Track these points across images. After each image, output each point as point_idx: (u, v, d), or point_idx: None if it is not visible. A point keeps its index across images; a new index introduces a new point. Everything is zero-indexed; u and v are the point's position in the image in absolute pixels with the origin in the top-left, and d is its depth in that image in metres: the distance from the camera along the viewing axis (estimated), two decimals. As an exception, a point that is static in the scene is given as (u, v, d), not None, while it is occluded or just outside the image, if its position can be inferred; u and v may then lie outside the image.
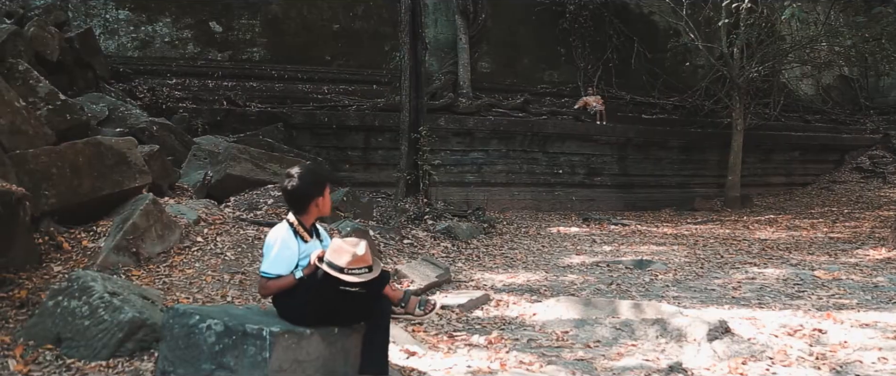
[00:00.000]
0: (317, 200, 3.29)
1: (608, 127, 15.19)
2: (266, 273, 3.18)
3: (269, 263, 3.17)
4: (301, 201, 3.28)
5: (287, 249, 3.17)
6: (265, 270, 3.19)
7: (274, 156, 7.52)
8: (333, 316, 3.18)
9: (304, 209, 3.29)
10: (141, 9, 13.36)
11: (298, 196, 3.28)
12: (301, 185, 3.26)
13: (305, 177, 3.29)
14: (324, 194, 3.32)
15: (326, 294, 3.09)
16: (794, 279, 6.23)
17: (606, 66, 16.31)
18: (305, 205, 3.28)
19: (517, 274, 6.71)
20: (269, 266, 3.17)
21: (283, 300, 3.22)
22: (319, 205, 3.31)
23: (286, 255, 3.17)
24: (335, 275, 3.04)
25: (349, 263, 3.04)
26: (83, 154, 5.38)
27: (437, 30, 15.45)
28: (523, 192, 14.53)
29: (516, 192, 14.49)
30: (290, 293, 3.18)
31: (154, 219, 5.19)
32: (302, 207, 3.29)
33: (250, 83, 13.64)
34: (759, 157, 16.56)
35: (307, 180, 3.28)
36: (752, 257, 7.78)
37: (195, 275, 4.85)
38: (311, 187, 3.28)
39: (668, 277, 6.55)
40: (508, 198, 14.35)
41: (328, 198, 3.36)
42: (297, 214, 3.29)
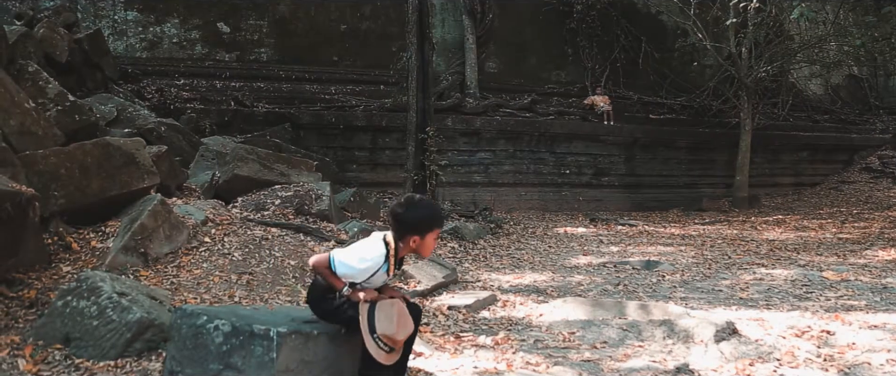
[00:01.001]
0: (415, 238, 3.03)
1: (615, 127, 15.17)
2: (334, 263, 3.01)
3: (345, 261, 3.01)
4: (402, 228, 3.04)
5: (365, 267, 3.00)
6: (336, 258, 3.01)
7: (281, 157, 7.54)
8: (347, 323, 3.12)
9: (401, 237, 3.05)
10: (149, 10, 13.43)
11: (409, 225, 3.03)
12: (410, 215, 3.03)
13: (423, 212, 3.08)
14: (425, 237, 3.04)
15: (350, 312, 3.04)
16: (802, 280, 6.20)
17: (614, 65, 16.30)
18: (403, 234, 3.04)
19: (524, 274, 6.70)
20: (342, 263, 3.01)
21: (319, 292, 3.13)
22: (416, 244, 3.06)
23: (360, 270, 3.01)
24: (363, 330, 2.93)
25: (383, 334, 2.93)
26: (92, 155, 5.40)
27: (445, 30, 15.47)
28: (530, 193, 14.53)
29: (523, 193, 14.49)
30: (326, 290, 3.09)
31: (162, 220, 5.21)
32: (400, 235, 3.05)
33: (258, 84, 13.70)
34: (768, 157, 16.49)
35: (422, 216, 3.05)
36: (760, 258, 7.74)
37: (203, 275, 4.87)
38: (424, 223, 3.04)
39: (676, 278, 6.54)
40: (515, 198, 14.35)
41: (430, 243, 3.09)
42: (397, 240, 3.05)
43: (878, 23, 14.18)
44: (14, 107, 5.45)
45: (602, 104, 15.31)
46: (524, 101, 14.99)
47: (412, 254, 3.41)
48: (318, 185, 7.00)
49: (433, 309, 4.98)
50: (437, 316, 4.80)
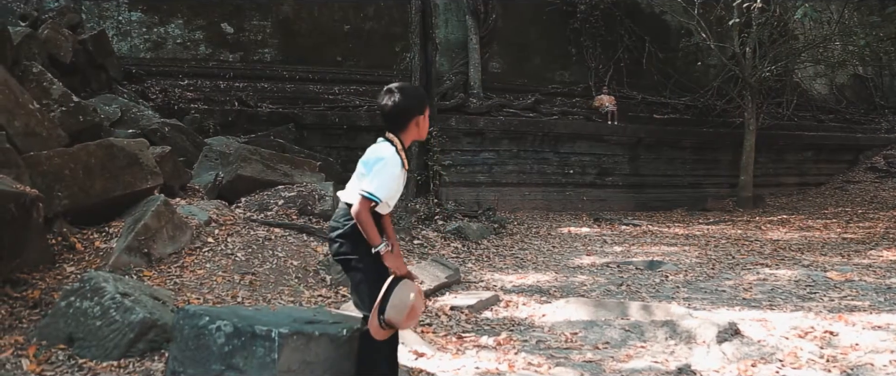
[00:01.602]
0: (418, 119, 3.04)
1: (619, 127, 15.15)
2: (373, 195, 2.86)
3: (378, 185, 2.88)
4: (401, 117, 3.02)
5: (395, 175, 2.94)
6: (372, 192, 2.86)
7: (285, 158, 7.55)
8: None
9: (404, 127, 3.04)
10: (153, 10, 13.46)
11: (400, 110, 3.01)
12: (404, 101, 3.01)
13: (409, 92, 3.09)
14: (424, 113, 3.08)
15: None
16: (805, 280, 6.18)
17: (618, 65, 16.26)
18: (406, 123, 3.03)
19: (527, 274, 6.70)
20: (378, 188, 2.87)
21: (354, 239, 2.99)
22: (419, 124, 3.06)
23: (394, 181, 2.95)
24: (375, 306, 2.90)
25: (389, 320, 2.90)
26: (95, 155, 5.43)
27: (448, 30, 15.46)
28: (534, 192, 14.52)
29: (527, 193, 14.49)
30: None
31: (165, 220, 5.23)
32: (402, 125, 3.04)
33: (262, 84, 13.71)
34: (772, 157, 16.45)
35: (411, 95, 3.07)
36: (764, 258, 7.73)
37: (206, 275, 4.88)
38: (415, 102, 3.05)
39: (679, 278, 6.52)
40: (519, 198, 14.35)
41: (427, 120, 3.13)
42: (397, 132, 3.04)
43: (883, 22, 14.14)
44: (18, 108, 5.48)
45: (608, 104, 15.30)
46: (528, 101, 14.97)
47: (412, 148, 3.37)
48: (321, 186, 7.01)
49: (436, 310, 4.98)
50: (439, 317, 4.80)
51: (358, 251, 3.03)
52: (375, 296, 2.95)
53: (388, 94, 3.07)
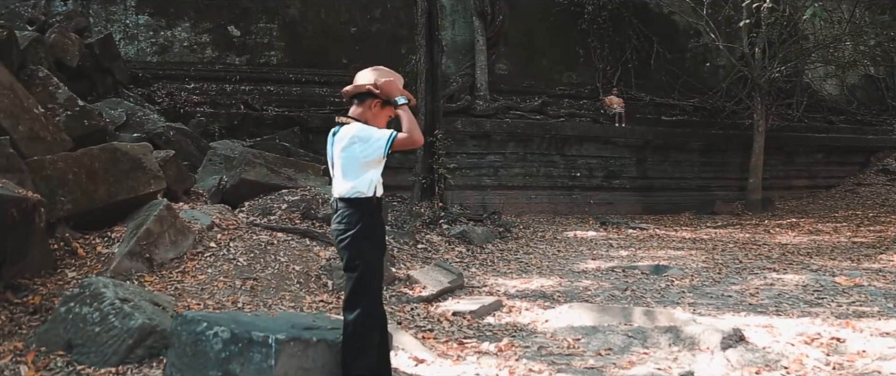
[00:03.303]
0: (375, 106, 3.17)
1: (627, 129, 15.08)
2: (390, 139, 3.03)
3: (380, 134, 3.05)
4: (361, 96, 3.19)
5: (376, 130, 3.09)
6: (389, 137, 3.03)
7: (289, 161, 7.54)
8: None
9: (361, 104, 3.19)
10: (160, 14, 13.51)
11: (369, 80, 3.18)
12: (378, 74, 3.19)
13: (388, 71, 3.24)
14: (386, 107, 3.21)
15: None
16: (813, 285, 6.11)
17: (625, 66, 16.20)
18: (362, 99, 3.18)
19: (531, 279, 6.66)
20: (383, 133, 3.05)
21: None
22: (374, 110, 3.18)
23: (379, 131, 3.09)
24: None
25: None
26: (99, 160, 5.43)
27: (455, 32, 15.44)
28: (540, 195, 14.46)
29: (533, 195, 14.43)
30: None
31: (167, 225, 5.23)
32: (360, 101, 3.20)
33: (268, 87, 13.73)
34: (782, 159, 16.33)
35: (389, 75, 3.22)
36: (772, 262, 7.65)
37: (207, 280, 4.87)
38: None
39: (685, 283, 6.46)
40: (525, 201, 14.29)
41: (386, 116, 3.24)
42: (353, 113, 3.19)
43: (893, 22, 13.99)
44: (23, 112, 5.49)
45: (616, 106, 15.24)
46: (535, 104, 14.93)
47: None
48: (324, 189, 6.99)
49: (438, 315, 4.95)
50: (441, 322, 4.77)
51: (364, 253, 3.06)
52: (373, 287, 3.08)
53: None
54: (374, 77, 3.21)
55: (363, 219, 3.07)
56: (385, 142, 3.03)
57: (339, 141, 3.15)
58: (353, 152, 3.06)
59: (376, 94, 3.17)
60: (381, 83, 3.15)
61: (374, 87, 3.15)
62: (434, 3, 10.18)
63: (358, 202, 3.08)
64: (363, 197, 3.08)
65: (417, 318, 4.84)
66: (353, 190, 3.07)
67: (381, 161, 3.13)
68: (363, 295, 3.04)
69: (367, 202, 3.10)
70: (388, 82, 3.16)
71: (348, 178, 3.08)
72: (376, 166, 3.12)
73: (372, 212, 3.12)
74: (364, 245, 3.06)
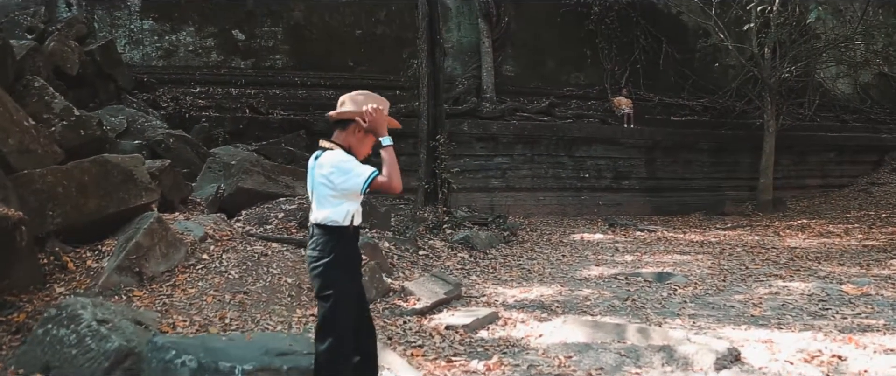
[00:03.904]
0: (359, 132, 3.11)
1: (635, 130, 14.92)
2: (370, 176, 2.93)
3: (361, 170, 2.95)
4: (345, 122, 3.13)
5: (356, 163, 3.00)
6: (369, 175, 2.93)
7: (286, 169, 7.48)
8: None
9: (343, 130, 3.14)
10: (165, 18, 13.51)
11: (342, 107, 3.14)
12: (362, 98, 3.14)
13: (371, 96, 3.17)
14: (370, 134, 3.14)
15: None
16: (819, 294, 5.96)
17: (634, 67, 16.04)
18: (346, 124, 3.13)
19: (531, 287, 6.55)
20: (364, 170, 2.95)
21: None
22: (358, 137, 3.13)
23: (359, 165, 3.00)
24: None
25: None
26: (89, 173, 5.39)
27: (461, 33, 15.34)
28: (549, 197, 14.34)
29: (541, 197, 14.31)
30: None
31: (158, 238, 5.17)
32: (342, 127, 3.14)
33: (273, 90, 13.70)
34: (794, 159, 16.08)
35: (372, 100, 3.14)
36: (779, 268, 7.49)
37: (197, 294, 4.81)
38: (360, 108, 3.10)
39: (688, 292, 6.33)
40: (533, 202, 14.17)
41: (369, 144, 3.18)
42: (335, 138, 3.14)
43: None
44: (13, 126, 5.46)
45: (625, 107, 15.09)
46: (542, 105, 14.82)
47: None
48: (322, 198, 6.91)
49: (430, 329, 4.86)
50: (432, 337, 4.68)
51: (336, 282, 2.99)
52: (344, 317, 2.95)
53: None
54: (361, 103, 3.11)
55: (337, 248, 2.99)
56: (363, 181, 2.93)
57: (319, 166, 3.07)
58: (332, 181, 2.97)
59: (354, 117, 3.10)
60: (370, 111, 3.05)
61: (362, 118, 3.05)
62: (435, 7, 10.07)
63: (333, 230, 3.00)
64: (338, 225, 3.00)
65: (408, 333, 4.75)
66: (328, 218, 2.99)
67: (359, 196, 3.03)
68: (333, 326, 2.96)
69: (343, 231, 3.03)
70: (376, 114, 3.06)
71: (324, 206, 3.01)
72: (354, 199, 3.04)
73: (347, 241, 3.05)
74: (336, 274, 2.99)
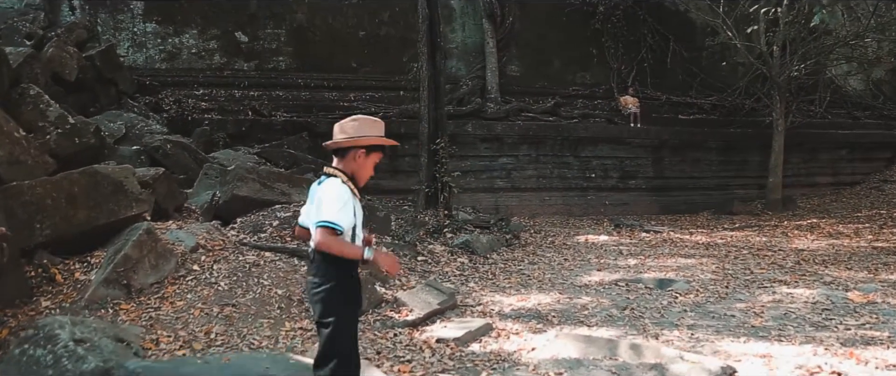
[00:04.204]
0: (359, 155, 3.03)
1: (642, 129, 14.75)
2: (336, 224, 2.80)
3: (334, 213, 2.82)
4: (343, 149, 3.03)
5: (347, 202, 2.88)
6: (335, 221, 2.80)
7: (283, 175, 7.41)
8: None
9: (343, 157, 3.05)
10: (168, 21, 13.49)
11: (344, 135, 3.04)
12: (356, 125, 3.05)
13: (365, 122, 3.07)
14: (371, 154, 3.06)
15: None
16: (823, 302, 5.82)
17: (641, 65, 15.86)
18: (345, 152, 3.04)
19: (530, 295, 6.44)
20: (335, 216, 2.81)
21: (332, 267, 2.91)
22: (358, 161, 3.04)
23: (346, 207, 2.87)
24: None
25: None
26: (79, 184, 5.34)
27: (465, 34, 15.23)
28: (554, 197, 14.22)
29: (547, 197, 14.19)
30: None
31: (147, 250, 5.12)
32: (342, 155, 3.05)
33: (277, 92, 13.66)
34: (804, 157, 15.85)
35: (364, 124, 3.05)
36: (784, 273, 7.34)
37: (185, 307, 4.75)
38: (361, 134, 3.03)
39: (689, 299, 6.20)
40: (539, 203, 14.06)
41: (371, 164, 3.11)
42: (337, 164, 3.06)
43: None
44: (2, 137, 5.43)
45: (631, 106, 14.93)
46: (547, 105, 14.68)
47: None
48: (317, 205, 6.83)
49: (421, 343, 4.77)
50: (422, 351, 4.59)
51: (338, 308, 2.93)
52: (346, 343, 2.91)
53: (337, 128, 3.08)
54: (356, 130, 3.06)
55: (339, 274, 2.93)
56: (324, 222, 2.82)
57: (317, 192, 3.00)
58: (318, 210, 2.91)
59: (361, 145, 3.04)
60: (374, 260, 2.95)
61: (363, 261, 2.93)
62: (436, 9, 9.96)
63: (333, 256, 2.90)
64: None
65: (398, 347, 4.67)
66: None
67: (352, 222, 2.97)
68: (334, 352, 2.90)
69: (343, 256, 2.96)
70: (377, 256, 2.97)
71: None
72: (351, 220, 2.94)
73: (349, 267, 2.98)
74: (337, 300, 2.92)
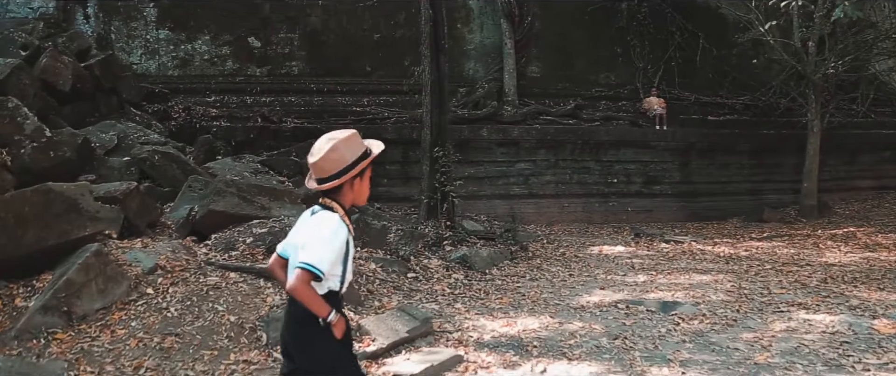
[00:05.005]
0: (356, 180, 2.60)
1: (668, 132, 14.09)
2: (318, 270, 2.43)
3: (321, 257, 2.44)
4: (335, 177, 2.54)
5: (341, 242, 2.51)
6: (317, 266, 2.43)
7: (264, 189, 7.08)
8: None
9: (338, 190, 2.57)
10: (181, 28, 13.38)
11: (333, 171, 2.54)
12: (338, 156, 2.54)
13: (343, 145, 2.55)
14: (365, 173, 2.63)
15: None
16: (844, 332, 5.20)
17: (668, 65, 15.19)
18: (340, 186, 2.56)
19: (517, 318, 5.97)
20: (321, 260, 2.44)
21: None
22: (355, 187, 2.62)
23: (337, 251, 2.50)
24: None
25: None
26: (30, 202, 5.09)
27: (484, 35, 14.78)
28: (574, 204, 13.66)
29: (566, 204, 13.64)
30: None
31: (95, 273, 4.83)
32: (338, 188, 2.57)
33: (289, 98, 13.44)
34: (844, 159, 14.94)
35: (345, 148, 2.55)
36: (807, 294, 6.69)
37: (125, 337, 4.43)
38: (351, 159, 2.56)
39: (692, 326, 5.64)
40: (558, 210, 13.52)
41: (368, 181, 2.67)
42: (334, 196, 2.58)
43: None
44: (-47, 153, 5.21)
45: (657, 107, 14.27)
46: (567, 108, 14.14)
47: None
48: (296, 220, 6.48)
49: (375, 379, 4.36)
50: (374, 390, 4.18)
51: (335, 354, 2.57)
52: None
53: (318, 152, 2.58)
54: (340, 159, 2.57)
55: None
56: (303, 266, 2.44)
57: (308, 225, 2.59)
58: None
59: (356, 174, 2.61)
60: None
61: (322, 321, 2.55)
62: (439, 9, 9.53)
63: (325, 296, 2.54)
64: (332, 291, 2.57)
65: (349, 384, 4.26)
66: (322, 285, 2.53)
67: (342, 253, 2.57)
68: None
69: (335, 295, 2.59)
70: (339, 323, 2.59)
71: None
72: (339, 263, 2.56)
73: (339, 305, 2.63)
74: (329, 343, 2.54)
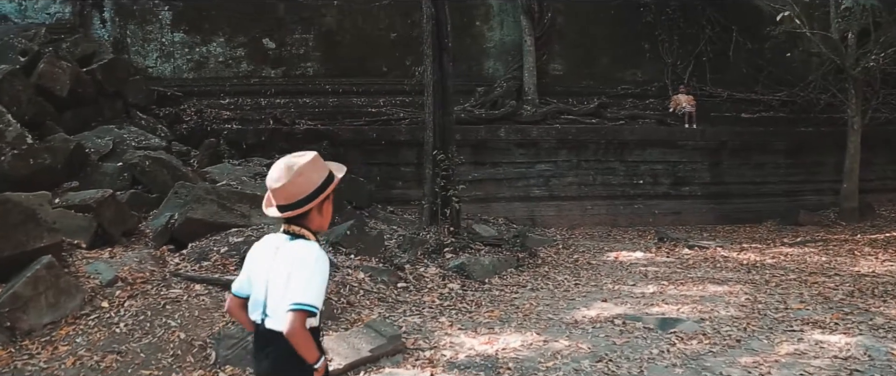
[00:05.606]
0: (323, 205, 2.38)
1: (698, 130, 13.44)
2: (313, 307, 2.23)
3: (315, 293, 2.25)
4: (304, 203, 2.31)
5: (325, 277, 2.31)
6: (311, 303, 2.23)
7: (245, 196, 6.84)
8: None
9: (305, 216, 2.35)
10: (195, 30, 13.33)
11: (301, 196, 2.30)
12: (305, 180, 2.30)
13: (309, 168, 2.31)
14: (329, 197, 2.39)
15: None
16: (858, 358, 4.67)
17: (699, 60, 14.49)
18: (307, 211, 2.34)
19: (501, 335, 5.57)
20: (316, 297, 2.25)
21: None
22: (324, 212, 2.39)
23: (325, 283, 2.32)
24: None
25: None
26: (-15, 213, 4.93)
27: (504, 32, 14.34)
28: (597, 206, 13.14)
29: (589, 206, 13.13)
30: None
31: (45, 286, 4.64)
32: (305, 214, 2.34)
33: (304, 99, 13.26)
34: (890, 158, 14.02)
35: (311, 171, 2.31)
36: (827, 309, 6.11)
37: (64, 355, 4.22)
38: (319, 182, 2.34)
39: (689, 347, 5.16)
40: (580, 213, 13.02)
41: (331, 204, 2.44)
42: (301, 222, 2.35)
43: None
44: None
45: (686, 105, 13.62)
46: (590, 106, 13.61)
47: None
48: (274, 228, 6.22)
49: (322, 405, 4.02)
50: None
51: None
52: None
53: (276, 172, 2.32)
54: (309, 181, 2.33)
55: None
56: (299, 308, 2.21)
57: (284, 256, 2.31)
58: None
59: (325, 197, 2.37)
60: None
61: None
62: (442, 7, 9.15)
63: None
64: (312, 327, 2.31)
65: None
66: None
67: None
68: None
69: (316, 331, 2.36)
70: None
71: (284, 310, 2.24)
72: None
73: (319, 341, 2.41)
74: None
